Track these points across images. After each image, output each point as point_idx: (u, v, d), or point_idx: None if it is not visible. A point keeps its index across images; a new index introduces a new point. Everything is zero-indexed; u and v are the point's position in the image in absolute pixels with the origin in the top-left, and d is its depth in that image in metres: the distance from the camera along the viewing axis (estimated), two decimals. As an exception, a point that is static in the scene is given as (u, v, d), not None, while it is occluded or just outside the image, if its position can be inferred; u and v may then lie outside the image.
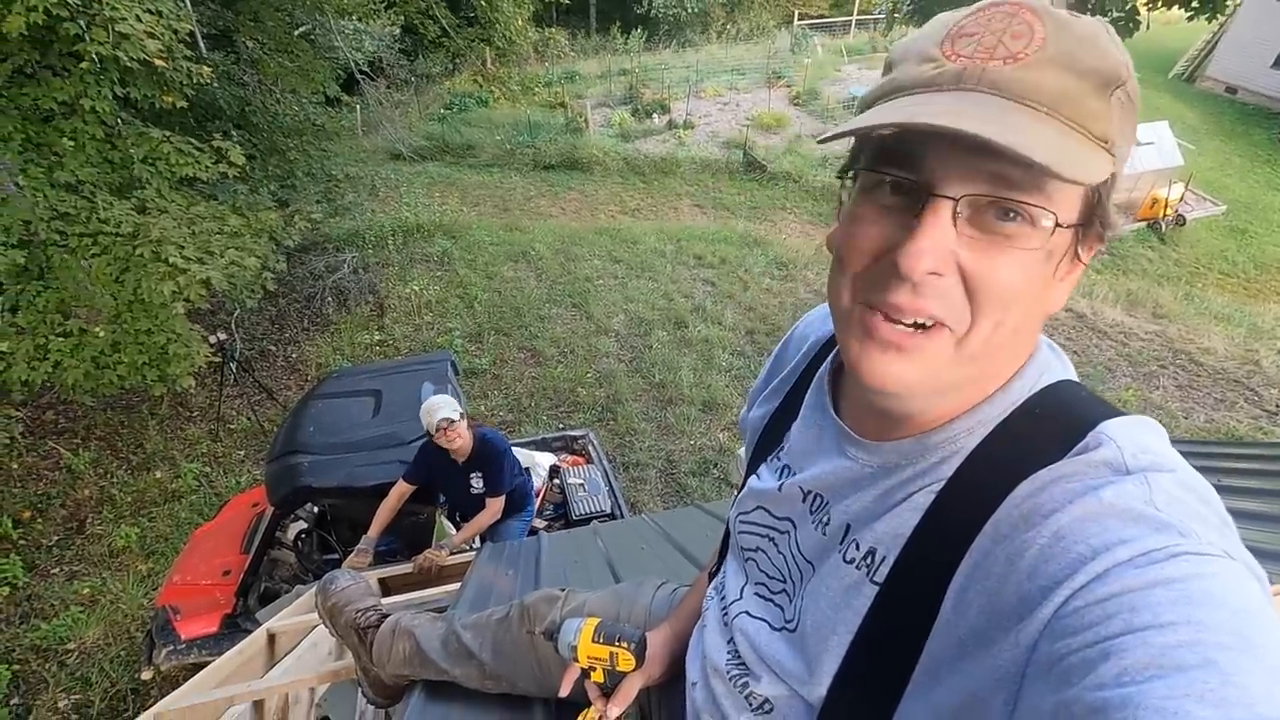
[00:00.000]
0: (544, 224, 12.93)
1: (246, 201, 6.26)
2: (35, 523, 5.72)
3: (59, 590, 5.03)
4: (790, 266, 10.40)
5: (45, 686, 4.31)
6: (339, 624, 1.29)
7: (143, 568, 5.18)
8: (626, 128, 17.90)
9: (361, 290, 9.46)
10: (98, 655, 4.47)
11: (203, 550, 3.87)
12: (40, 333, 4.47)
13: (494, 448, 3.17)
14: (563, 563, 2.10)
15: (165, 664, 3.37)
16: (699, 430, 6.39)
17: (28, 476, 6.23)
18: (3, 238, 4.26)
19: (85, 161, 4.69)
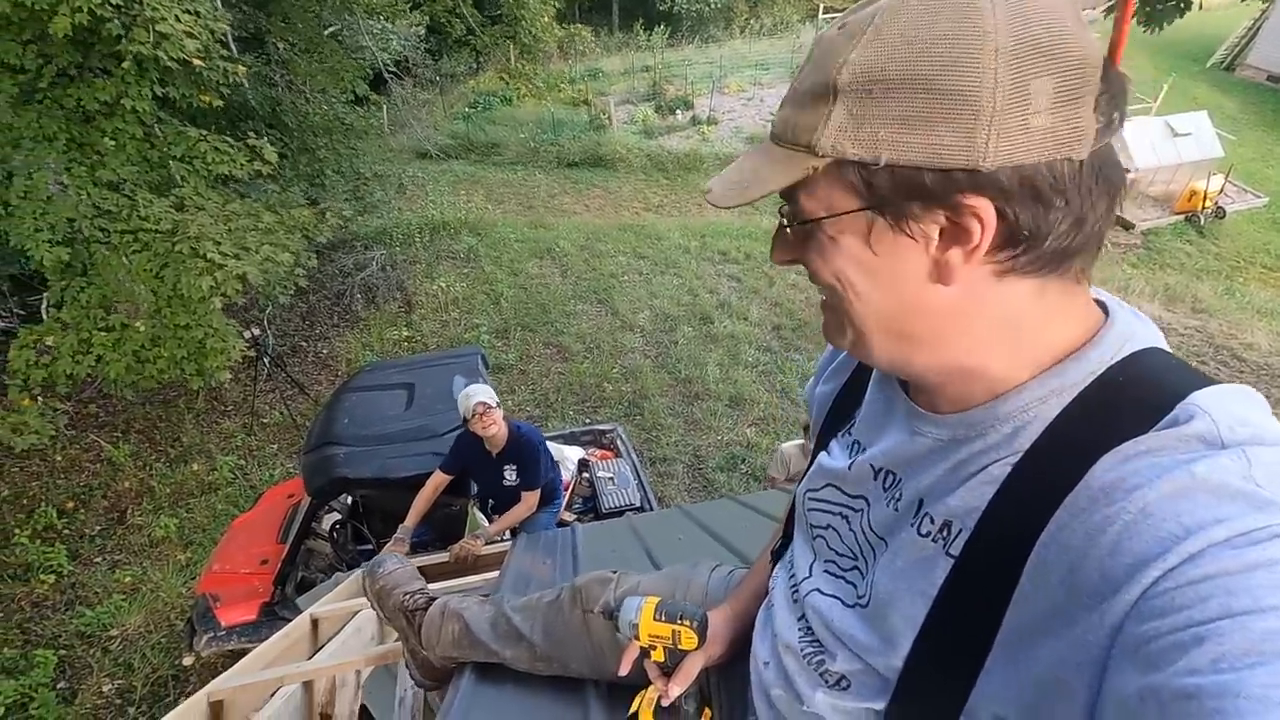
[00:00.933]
0: (568, 221, 12.96)
1: (279, 199, 6.37)
2: (78, 513, 5.88)
3: (102, 579, 5.17)
4: (816, 262, 10.29)
5: (90, 671, 4.43)
6: (387, 606, 1.30)
7: (181, 557, 5.29)
8: (650, 124, 17.87)
9: (390, 287, 9.57)
10: (139, 641, 4.59)
11: (240, 540, 3.95)
12: (84, 327, 4.60)
13: (529, 441, 3.18)
14: (600, 552, 2.10)
15: (206, 650, 3.45)
16: (726, 425, 6.36)
17: (71, 468, 6.41)
18: (48, 235, 4.39)
19: (125, 160, 4.80)
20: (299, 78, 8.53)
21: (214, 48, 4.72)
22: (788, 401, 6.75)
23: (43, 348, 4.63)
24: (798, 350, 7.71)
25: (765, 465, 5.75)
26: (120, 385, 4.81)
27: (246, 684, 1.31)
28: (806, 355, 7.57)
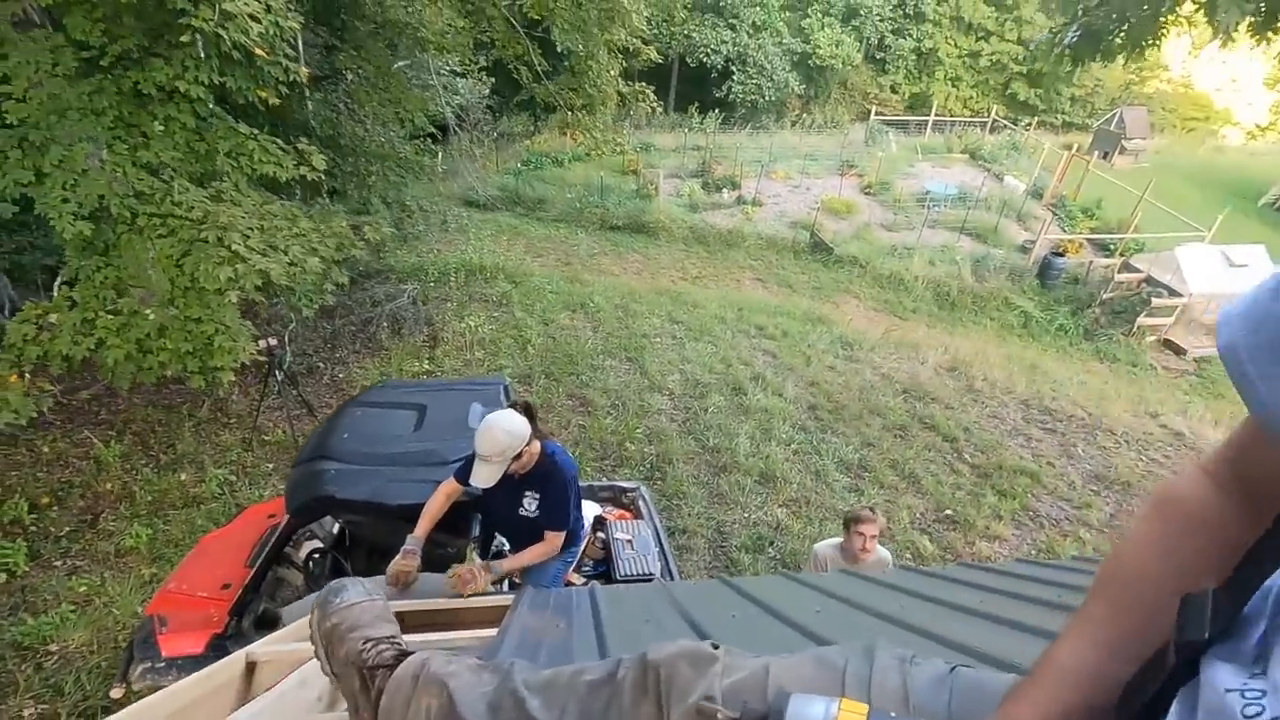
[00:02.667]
0: (605, 280, 12.84)
1: (321, 212, 6.20)
2: (50, 510, 5.46)
3: (56, 585, 4.69)
4: (856, 347, 9.93)
5: (14, 691, 3.90)
6: (337, 655, 0.87)
7: (146, 571, 4.82)
8: (695, 199, 18.07)
9: (417, 320, 9.35)
10: (77, 662, 4.06)
11: (206, 559, 3.49)
12: (91, 307, 4.33)
13: (561, 470, 2.71)
14: (631, 620, 1.64)
15: (139, 683, 2.94)
16: (754, 502, 5.83)
17: (55, 461, 6.04)
18: (74, 208, 4.18)
19: (171, 146, 4.65)
20: (362, 106, 8.62)
21: (280, 46, 4.63)
22: (822, 485, 6.22)
23: (45, 324, 4.35)
24: (834, 433, 7.22)
25: (795, 553, 5.20)
26: (118, 374, 4.48)
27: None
28: (844, 439, 7.08)
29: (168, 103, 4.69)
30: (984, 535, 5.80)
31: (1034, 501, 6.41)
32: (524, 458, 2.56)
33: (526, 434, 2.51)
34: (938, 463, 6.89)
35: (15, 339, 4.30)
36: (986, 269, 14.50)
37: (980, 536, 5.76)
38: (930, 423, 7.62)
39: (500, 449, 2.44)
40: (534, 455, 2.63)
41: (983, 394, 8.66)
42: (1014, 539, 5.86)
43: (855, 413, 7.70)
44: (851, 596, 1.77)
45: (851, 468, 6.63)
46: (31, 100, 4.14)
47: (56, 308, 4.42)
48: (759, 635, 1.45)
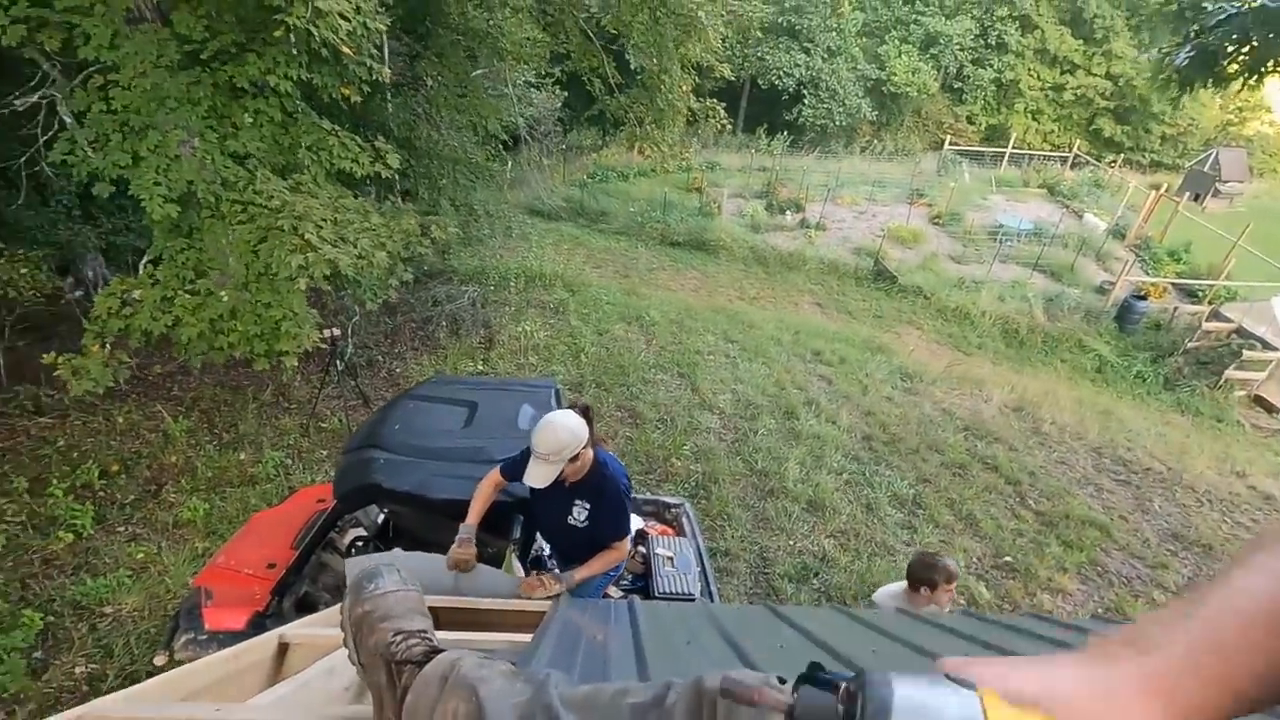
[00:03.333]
0: (662, 294, 12.82)
1: (392, 210, 6.37)
2: (119, 477, 5.71)
3: (116, 549, 4.89)
4: (916, 379, 9.59)
5: (69, 647, 4.06)
6: (366, 645, 0.82)
7: (200, 544, 4.97)
8: (758, 219, 17.95)
9: (475, 322, 9.50)
10: (128, 626, 4.20)
11: (256, 537, 3.56)
12: (171, 286, 4.53)
13: (615, 482, 2.62)
14: (671, 639, 1.55)
15: (181, 653, 3.00)
16: (801, 530, 5.64)
17: (128, 431, 6.33)
18: (164, 191, 4.39)
19: (258, 137, 4.85)
20: (439, 111, 8.87)
21: (366, 46, 4.79)
22: (873, 519, 5.98)
23: (129, 299, 4.57)
24: (889, 465, 6.95)
25: (840, 586, 5.00)
26: (190, 351, 4.66)
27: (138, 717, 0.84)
28: (898, 473, 6.80)
29: (258, 96, 4.91)
30: (1046, 587, 5.45)
31: (1103, 556, 6.00)
32: (579, 461, 2.48)
33: (586, 436, 2.44)
34: (998, 506, 6.54)
35: (101, 312, 4.53)
36: (1060, 308, 13.85)
37: (1042, 588, 5.42)
38: (992, 463, 7.26)
39: (559, 448, 2.37)
40: (588, 461, 2.56)
41: (1050, 438, 8.22)
42: (1079, 594, 5.48)
43: (912, 446, 7.40)
44: (911, 638, 1.64)
45: (905, 503, 6.35)
46: (136, 88, 4.38)
47: (140, 284, 4.64)
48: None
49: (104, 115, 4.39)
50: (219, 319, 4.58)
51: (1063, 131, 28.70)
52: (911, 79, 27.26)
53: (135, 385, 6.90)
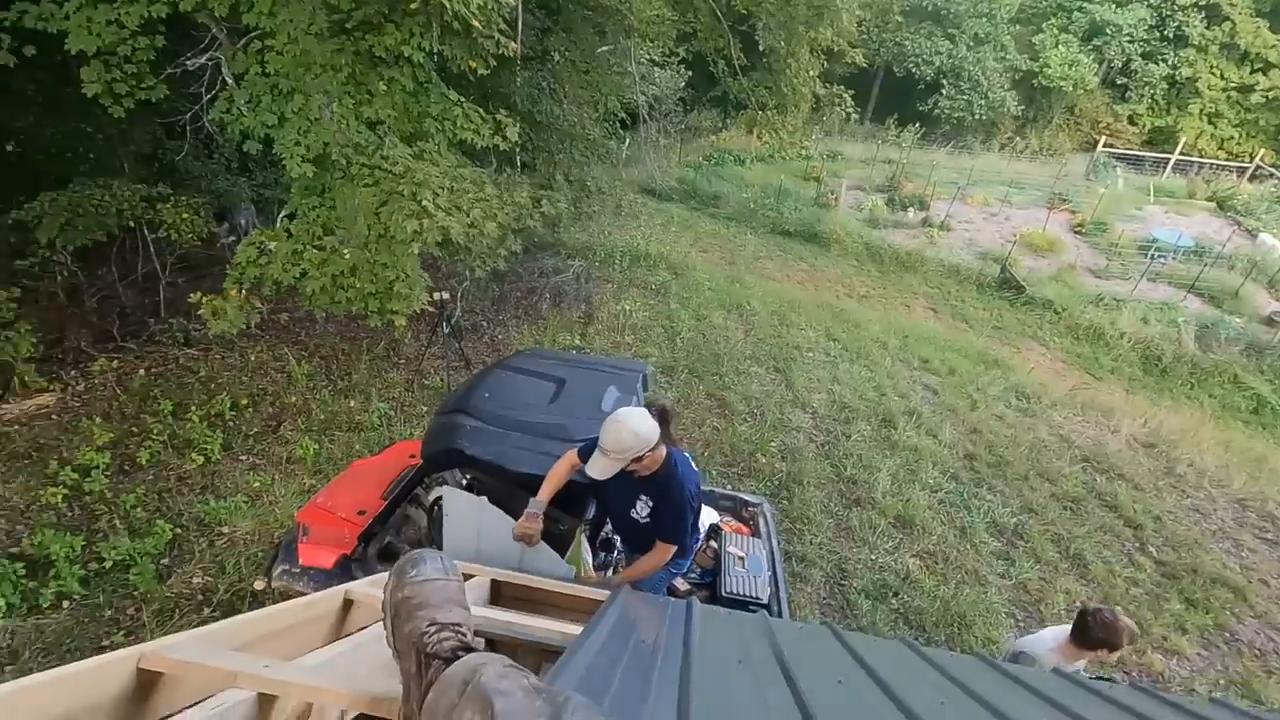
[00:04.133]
0: (766, 285, 12.54)
1: (507, 181, 6.55)
2: (246, 410, 6.27)
3: (237, 476, 5.38)
4: (1033, 400, 8.87)
5: (190, 559, 4.52)
6: (401, 631, 0.83)
7: (307, 481, 5.38)
8: (877, 214, 17.17)
9: (577, 297, 9.67)
10: (240, 547, 4.63)
11: (352, 483, 3.80)
12: (302, 240, 4.86)
13: (681, 486, 2.57)
14: (722, 648, 1.50)
15: (277, 581, 3.27)
16: (885, 545, 5.38)
17: (258, 370, 6.93)
18: (303, 152, 4.69)
19: (390, 105, 5.08)
20: (563, 86, 9.00)
21: (495, 20, 4.89)
22: (966, 544, 5.61)
23: (265, 249, 4.96)
24: (990, 489, 6.49)
25: (921, 610, 4.74)
26: (314, 302, 5.02)
27: (190, 661, 0.88)
28: (1000, 499, 6.34)
29: (393, 66, 5.13)
30: (1159, 646, 4.92)
31: (1233, 621, 5.35)
32: (645, 461, 2.45)
33: (653, 440, 2.41)
34: (1113, 549, 5.96)
35: (241, 259, 4.94)
36: (1215, 337, 12.35)
37: (1154, 646, 4.90)
38: (1111, 502, 6.61)
39: (623, 448, 2.36)
40: (657, 461, 2.52)
41: (1185, 481, 7.38)
42: (1198, 660, 4.92)
43: (1020, 472, 6.87)
44: (986, 694, 1.50)
45: (1005, 532, 5.92)
46: (287, 53, 4.69)
47: (276, 237, 5.02)
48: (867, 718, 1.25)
49: (259, 77, 4.74)
50: (340, 275, 4.88)
51: (1245, 139, 25.35)
52: (1068, 72, 24.93)
53: (267, 329, 7.54)
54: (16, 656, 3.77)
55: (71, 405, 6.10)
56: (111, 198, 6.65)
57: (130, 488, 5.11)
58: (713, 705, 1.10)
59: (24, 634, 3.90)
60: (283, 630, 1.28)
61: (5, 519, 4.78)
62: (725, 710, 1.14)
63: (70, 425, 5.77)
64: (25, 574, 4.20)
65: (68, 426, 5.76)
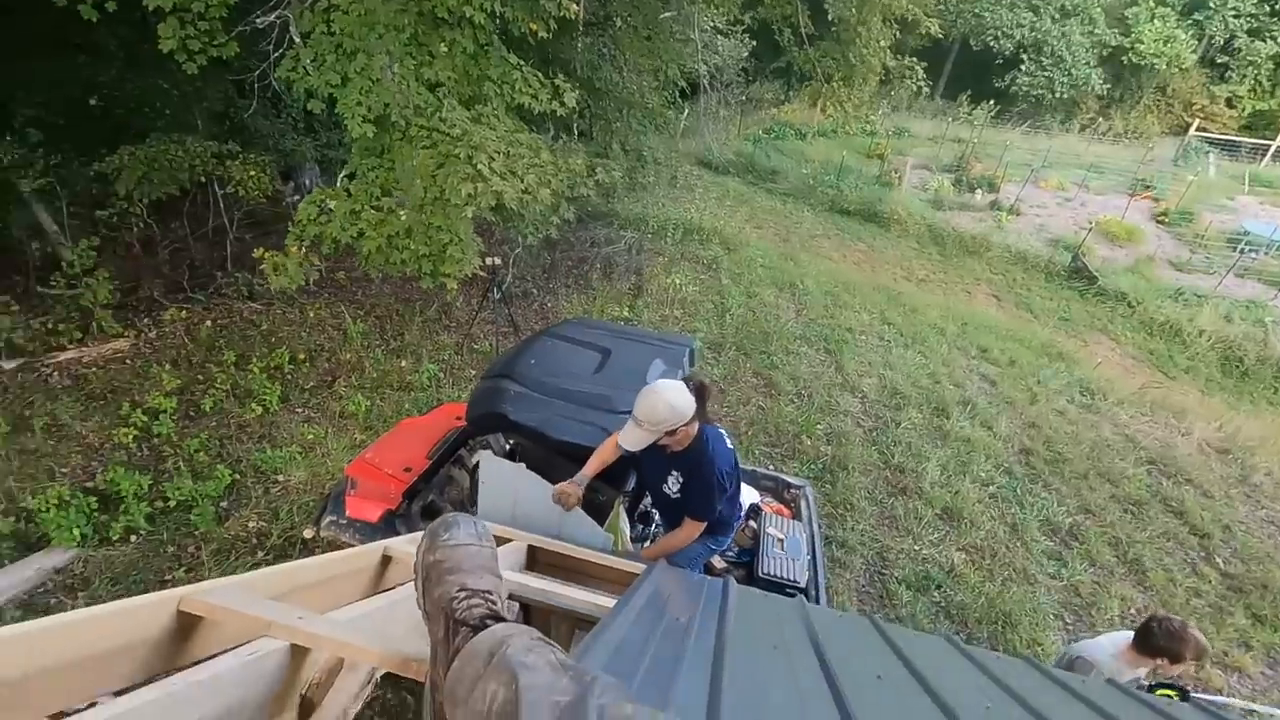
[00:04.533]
0: (821, 264, 12.25)
1: (563, 148, 6.50)
2: (304, 365, 6.48)
3: (293, 428, 5.57)
4: (1098, 396, 8.46)
5: (247, 503, 4.72)
6: (431, 594, 0.81)
7: (358, 436, 5.54)
8: (942, 195, 16.51)
9: (628, 268, 9.63)
10: (293, 496, 4.81)
11: (400, 440, 3.88)
12: (360, 201, 4.93)
13: (711, 463, 2.52)
14: (757, 632, 1.46)
15: (325, 531, 3.37)
16: (930, 537, 5.24)
17: (316, 326, 7.14)
18: (364, 112, 4.74)
19: (450, 67, 5.08)
20: (624, 53, 8.85)
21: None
22: (1016, 541, 5.42)
23: (325, 208, 5.06)
24: (1046, 487, 6.24)
25: (963, 605, 4.61)
26: (370, 262, 5.11)
27: (229, 607, 0.89)
28: (1056, 497, 6.09)
29: (455, 27, 5.11)
30: (1219, 661, 4.68)
31: (1303, 642, 5.04)
32: (678, 435, 2.42)
33: (688, 414, 2.36)
34: (1175, 557, 5.67)
35: (302, 217, 5.05)
36: (1308, 341, 11.53)
37: (1214, 662, 4.66)
38: (1178, 508, 6.28)
39: (656, 420, 2.33)
40: (689, 436, 2.48)
41: (1261, 491, 6.95)
42: (1261, 679, 4.66)
43: (1079, 471, 6.58)
44: (1033, 700, 1.43)
45: (1058, 531, 5.69)
46: (352, 13, 4.71)
47: (336, 196, 5.11)
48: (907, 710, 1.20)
49: (324, 36, 4.78)
50: (396, 236, 4.95)
51: (1360, 126, 23.29)
52: (1162, 49, 23.27)
53: (325, 287, 7.75)
54: (88, 584, 4.03)
55: (144, 351, 6.41)
56: (185, 153, 6.88)
57: (194, 432, 5.35)
58: (744, 688, 1.06)
59: (95, 563, 4.16)
60: (321, 582, 1.30)
61: (81, 455, 5.08)
62: (757, 694, 1.11)
63: (142, 370, 6.07)
64: (97, 507, 4.46)
65: (139, 371, 6.06)
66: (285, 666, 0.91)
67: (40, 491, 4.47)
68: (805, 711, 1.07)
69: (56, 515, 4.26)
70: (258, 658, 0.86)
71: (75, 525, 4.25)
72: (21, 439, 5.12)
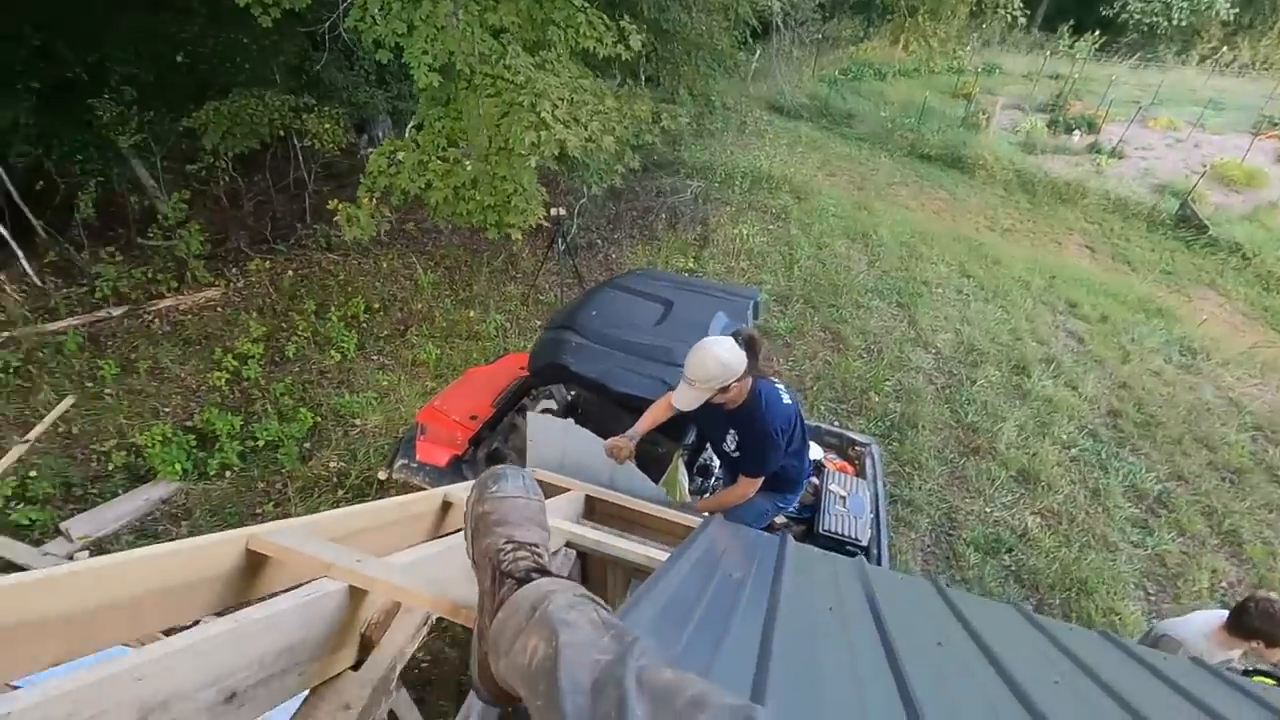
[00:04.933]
0: (896, 213, 11.67)
1: (628, 94, 6.34)
2: (379, 314, 6.72)
3: (368, 374, 5.82)
4: (1200, 356, 7.84)
5: (327, 445, 5.00)
6: (479, 545, 0.82)
7: (429, 384, 5.73)
8: (1035, 137, 15.34)
9: (693, 218, 9.45)
10: (370, 439, 5.05)
11: (467, 388, 3.99)
12: (427, 151, 4.98)
13: (764, 420, 2.45)
14: (812, 598, 1.43)
15: (397, 474, 3.53)
16: (1003, 499, 5.05)
17: (389, 277, 7.36)
18: (430, 61, 4.72)
19: (514, 12, 4.98)
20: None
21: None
22: (1097, 506, 5.16)
23: (394, 160, 5.14)
24: (1135, 451, 5.88)
25: (1035, 570, 4.45)
26: (438, 213, 5.18)
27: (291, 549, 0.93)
28: (1145, 462, 5.74)
29: (516, -30, 5.00)
30: (1320, 642, 4.37)
31: None
32: (731, 392, 2.36)
33: (739, 370, 2.30)
34: (1277, 530, 5.28)
35: (373, 169, 5.15)
36: None
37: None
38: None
39: (707, 377, 2.27)
40: (743, 393, 2.42)
41: (1385, 464, 6.34)
42: (1368, 663, 4.33)
43: (1172, 435, 6.16)
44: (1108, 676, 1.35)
45: (1145, 498, 5.38)
46: (416, -42, 4.67)
47: (405, 147, 5.17)
48: (967, 689, 1.16)
49: (391, -17, 4.77)
50: (462, 187, 4.99)
51: None
52: (1305, -35, 20.55)
53: (397, 238, 7.94)
54: (190, 514, 4.38)
55: (232, 300, 6.78)
56: (264, 107, 7.09)
57: (279, 377, 5.67)
58: (796, 649, 1.05)
59: (196, 495, 4.52)
60: (383, 525, 1.34)
61: (180, 396, 5.47)
62: (808, 657, 1.09)
63: (231, 318, 6.43)
64: (196, 444, 4.82)
65: (229, 319, 6.42)
66: (344, 606, 0.94)
67: (146, 429, 4.86)
68: (858, 676, 1.04)
69: (161, 451, 4.63)
70: (318, 597, 0.89)
71: (177, 460, 4.60)
72: (129, 380, 5.56)
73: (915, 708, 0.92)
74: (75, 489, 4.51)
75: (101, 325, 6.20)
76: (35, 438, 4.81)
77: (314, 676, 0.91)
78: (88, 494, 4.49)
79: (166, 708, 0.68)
